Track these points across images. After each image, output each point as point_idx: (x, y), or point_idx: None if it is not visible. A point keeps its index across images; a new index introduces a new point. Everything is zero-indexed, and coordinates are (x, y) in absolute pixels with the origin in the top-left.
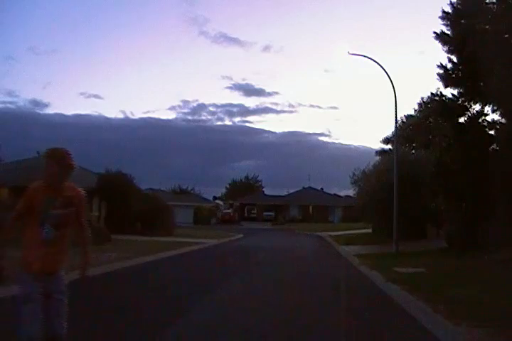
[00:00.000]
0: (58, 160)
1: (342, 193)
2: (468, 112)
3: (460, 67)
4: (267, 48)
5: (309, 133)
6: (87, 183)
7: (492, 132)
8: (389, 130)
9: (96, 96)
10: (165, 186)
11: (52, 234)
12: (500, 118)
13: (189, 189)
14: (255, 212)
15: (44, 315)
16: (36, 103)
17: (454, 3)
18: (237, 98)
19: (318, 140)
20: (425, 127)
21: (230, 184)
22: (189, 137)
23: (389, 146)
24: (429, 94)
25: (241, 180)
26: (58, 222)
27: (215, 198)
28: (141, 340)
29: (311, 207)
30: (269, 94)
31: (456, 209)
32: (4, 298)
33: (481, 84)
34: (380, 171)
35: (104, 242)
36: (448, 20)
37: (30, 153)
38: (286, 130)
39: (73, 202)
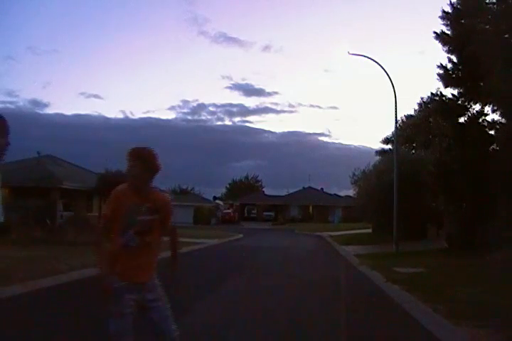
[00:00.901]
0: (145, 161)
1: (342, 193)
2: (468, 112)
3: (460, 67)
4: (266, 48)
5: (309, 133)
6: (87, 183)
7: (492, 132)
8: (389, 130)
9: (96, 96)
10: (165, 186)
11: (137, 242)
12: (500, 118)
13: (189, 189)
14: (255, 212)
15: (150, 324)
16: (36, 103)
17: (454, 3)
18: (237, 98)
19: (318, 140)
20: (425, 127)
21: (230, 184)
22: (189, 137)
23: (389, 146)
24: (429, 94)
25: (241, 180)
26: (143, 228)
27: (215, 198)
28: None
29: (311, 207)
30: (269, 94)
31: (456, 209)
32: (4, 298)
33: (481, 84)
34: (380, 171)
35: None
36: (448, 20)
37: (30, 153)
38: (286, 130)
39: (159, 207)
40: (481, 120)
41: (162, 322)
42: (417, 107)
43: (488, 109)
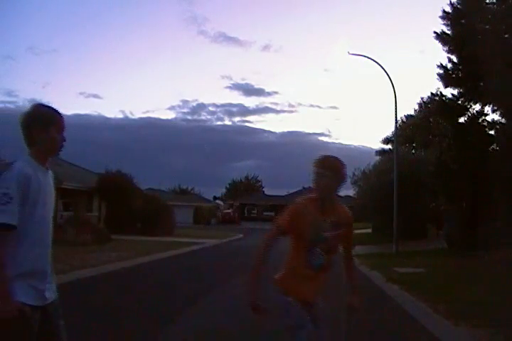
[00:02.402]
0: (336, 172)
1: (342, 193)
2: (468, 112)
3: (460, 67)
4: (266, 48)
5: (309, 133)
6: (87, 183)
7: (492, 132)
8: (389, 130)
9: (95, 96)
10: (165, 186)
11: (323, 260)
12: (500, 118)
13: (189, 189)
14: (255, 212)
15: None
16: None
17: (454, 3)
18: (237, 98)
19: (318, 140)
20: (425, 127)
21: (230, 184)
22: (189, 137)
23: (389, 146)
24: (429, 94)
25: (241, 180)
26: (329, 246)
27: (215, 198)
28: (143, 338)
29: None
30: (269, 93)
31: (456, 209)
32: None
33: (481, 84)
34: (380, 171)
35: (105, 242)
36: (448, 20)
37: None
38: (286, 130)
39: (342, 222)
40: (481, 120)
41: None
42: (417, 107)
43: (488, 109)
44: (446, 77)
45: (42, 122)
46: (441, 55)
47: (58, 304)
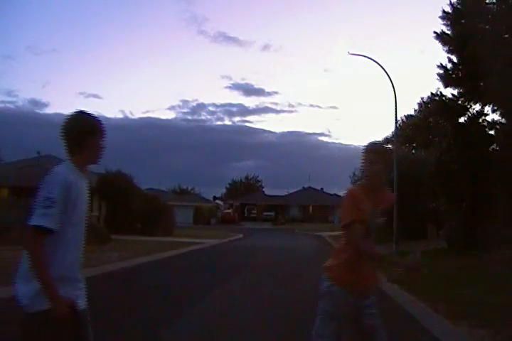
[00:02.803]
0: (386, 158)
1: (342, 193)
2: (468, 112)
3: (460, 67)
4: (266, 47)
5: (309, 133)
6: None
7: (492, 132)
8: (389, 130)
9: (95, 95)
10: (165, 186)
11: (373, 247)
12: (500, 118)
13: (189, 189)
14: (255, 212)
15: (359, 333)
16: (35, 103)
17: (454, 3)
18: (237, 98)
19: (318, 140)
20: (425, 127)
21: (230, 184)
22: (189, 137)
23: (389, 146)
24: (429, 94)
25: (241, 180)
26: (375, 232)
27: (215, 198)
28: (142, 338)
29: (311, 207)
30: (269, 93)
31: (456, 209)
32: (5, 298)
33: (481, 84)
34: None
35: (104, 242)
36: (448, 20)
37: (30, 153)
38: (286, 130)
39: (387, 209)
40: (481, 120)
41: (375, 329)
42: (417, 107)
43: (488, 109)
44: (446, 77)
45: (87, 130)
46: (441, 55)
47: (87, 311)
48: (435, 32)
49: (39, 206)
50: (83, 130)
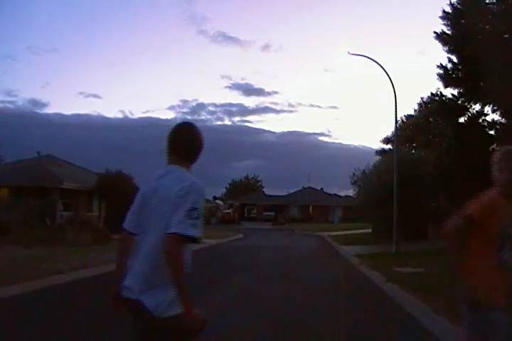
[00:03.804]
0: None
1: (342, 193)
2: (468, 112)
3: (460, 67)
4: (266, 47)
5: (309, 133)
6: (87, 183)
7: (492, 132)
8: (389, 130)
9: (95, 95)
10: None
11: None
12: (500, 118)
13: None
14: (255, 212)
15: None
16: (35, 102)
17: (454, 3)
18: (237, 97)
19: (318, 140)
20: (425, 127)
21: (230, 184)
22: None
23: (389, 146)
24: (429, 94)
25: (241, 180)
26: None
27: (215, 198)
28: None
29: (311, 207)
30: (269, 93)
31: (456, 209)
32: (4, 298)
33: (481, 84)
34: (380, 171)
35: (105, 242)
36: (448, 20)
37: (30, 152)
38: (286, 130)
39: None
40: (481, 120)
41: None
42: (417, 107)
43: (488, 109)
44: (446, 77)
45: (200, 139)
46: (441, 55)
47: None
48: (435, 32)
49: (188, 216)
50: (202, 143)
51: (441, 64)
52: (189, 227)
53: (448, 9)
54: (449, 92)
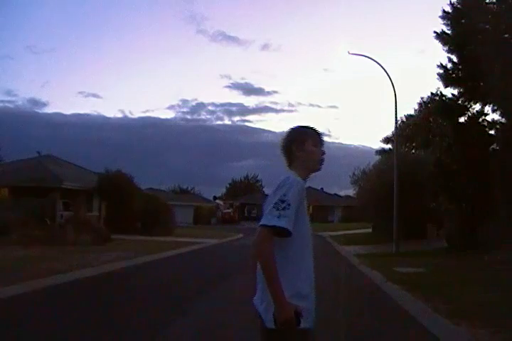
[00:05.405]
0: None
1: (342, 193)
2: (468, 112)
3: (460, 67)
4: (265, 47)
5: None
6: (87, 183)
7: (492, 132)
8: (389, 130)
9: (95, 95)
10: (165, 186)
11: None
12: (500, 118)
13: (189, 189)
14: (255, 211)
15: None
16: (35, 102)
17: (454, 3)
18: (237, 97)
19: None
20: (425, 127)
21: (230, 184)
22: (188, 136)
23: (389, 146)
24: (429, 94)
25: (241, 179)
26: None
27: (215, 198)
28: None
29: (311, 207)
30: (269, 93)
31: (456, 209)
32: (4, 298)
33: (481, 84)
34: (380, 171)
35: (105, 242)
36: (448, 19)
37: (30, 152)
38: (285, 129)
39: None
40: (481, 120)
41: None
42: (417, 107)
43: (488, 109)
44: (446, 76)
45: (298, 140)
46: (441, 55)
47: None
48: (435, 32)
49: (275, 207)
50: (296, 141)
51: (441, 63)
52: (274, 218)
53: (448, 9)
54: (449, 92)
